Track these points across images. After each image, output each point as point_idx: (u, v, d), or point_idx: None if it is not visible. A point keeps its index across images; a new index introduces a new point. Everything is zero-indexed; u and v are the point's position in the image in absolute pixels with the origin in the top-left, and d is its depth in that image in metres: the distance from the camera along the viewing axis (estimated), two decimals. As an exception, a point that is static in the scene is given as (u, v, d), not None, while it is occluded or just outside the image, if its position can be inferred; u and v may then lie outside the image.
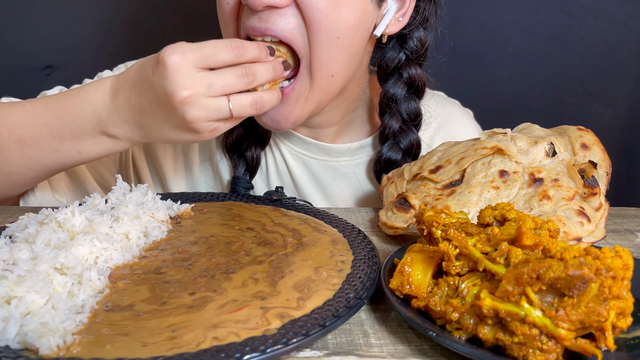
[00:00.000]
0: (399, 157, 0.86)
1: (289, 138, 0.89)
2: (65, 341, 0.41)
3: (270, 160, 0.90)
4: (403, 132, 0.86)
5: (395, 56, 0.84)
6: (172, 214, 0.68)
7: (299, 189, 0.90)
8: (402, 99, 0.85)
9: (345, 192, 0.90)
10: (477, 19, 1.30)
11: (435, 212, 0.50)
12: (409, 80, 0.85)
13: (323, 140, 0.89)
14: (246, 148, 0.86)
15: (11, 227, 0.57)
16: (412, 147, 0.86)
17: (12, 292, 0.44)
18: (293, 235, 0.62)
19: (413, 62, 0.85)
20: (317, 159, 0.89)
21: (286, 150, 0.89)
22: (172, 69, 0.61)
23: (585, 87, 1.33)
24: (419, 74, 0.85)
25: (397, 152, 0.86)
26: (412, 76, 0.85)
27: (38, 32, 1.25)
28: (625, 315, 0.41)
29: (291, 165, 0.90)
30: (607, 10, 1.29)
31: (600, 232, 0.61)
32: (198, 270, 0.53)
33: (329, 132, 0.89)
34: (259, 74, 0.65)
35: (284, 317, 0.45)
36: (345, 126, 0.91)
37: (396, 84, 0.85)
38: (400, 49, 0.84)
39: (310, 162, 0.90)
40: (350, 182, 0.90)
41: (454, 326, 0.43)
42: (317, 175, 0.90)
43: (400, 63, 0.84)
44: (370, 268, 0.54)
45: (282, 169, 0.90)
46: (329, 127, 0.89)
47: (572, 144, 0.68)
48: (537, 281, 0.39)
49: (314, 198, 0.90)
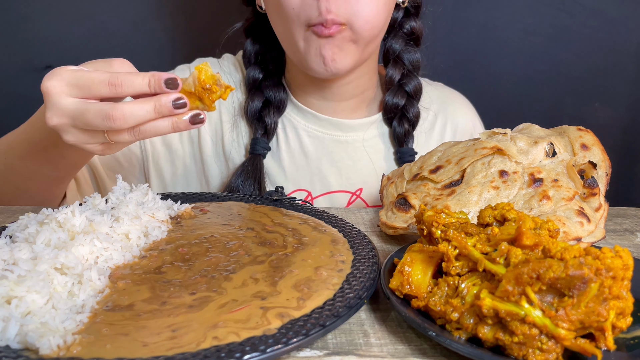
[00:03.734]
0: (403, 102, 0.94)
1: (303, 116, 0.95)
2: (66, 341, 0.41)
3: (281, 137, 0.95)
4: (407, 77, 0.95)
5: (397, 13, 0.93)
6: (172, 214, 0.68)
7: (310, 165, 0.95)
8: (403, 49, 0.95)
9: (357, 165, 0.96)
10: (477, 19, 1.30)
11: (435, 212, 0.50)
12: (410, 32, 0.95)
13: (336, 116, 0.95)
14: (265, 114, 0.92)
15: (11, 227, 0.57)
16: (417, 91, 0.95)
17: (12, 292, 0.44)
18: (293, 235, 0.62)
19: (412, 15, 0.95)
20: (330, 134, 0.95)
21: (301, 128, 0.95)
22: (45, 94, 0.58)
23: (585, 87, 1.33)
24: (419, 25, 0.95)
25: (401, 97, 0.94)
26: (412, 27, 0.95)
27: (38, 32, 1.24)
28: (625, 315, 0.41)
29: (305, 143, 0.95)
30: (607, 10, 1.29)
31: (600, 232, 0.61)
32: (198, 270, 0.53)
33: (346, 106, 0.95)
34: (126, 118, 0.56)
35: (284, 317, 0.45)
36: (360, 103, 0.97)
37: (397, 37, 0.95)
38: (399, 7, 0.94)
39: (323, 138, 0.95)
40: (360, 155, 0.96)
41: (454, 326, 0.43)
42: (331, 150, 0.95)
43: (400, 18, 0.94)
44: (370, 268, 0.54)
45: (295, 145, 0.95)
46: (349, 99, 0.95)
47: (572, 144, 0.68)
48: (537, 281, 0.39)
49: (327, 172, 0.95)
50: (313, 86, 0.93)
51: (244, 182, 0.90)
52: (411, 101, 0.95)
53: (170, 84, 0.57)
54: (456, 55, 1.31)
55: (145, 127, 0.59)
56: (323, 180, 0.95)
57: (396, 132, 0.95)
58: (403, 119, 0.95)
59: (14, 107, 1.27)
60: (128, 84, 0.57)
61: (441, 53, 1.25)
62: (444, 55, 1.28)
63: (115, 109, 0.56)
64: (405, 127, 0.94)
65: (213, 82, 0.58)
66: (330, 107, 0.95)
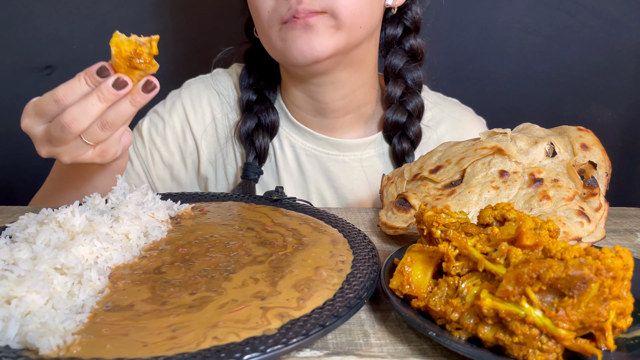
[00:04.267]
0: (404, 119, 0.92)
1: (301, 134, 0.95)
2: (66, 341, 0.41)
3: (279, 155, 0.95)
4: (408, 95, 0.93)
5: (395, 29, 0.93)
6: (172, 214, 0.68)
7: (307, 183, 0.95)
8: (404, 66, 0.94)
9: (354, 184, 0.95)
10: (477, 19, 1.30)
11: (435, 212, 0.50)
12: (411, 49, 0.94)
13: (334, 134, 0.94)
14: (256, 137, 0.92)
15: (11, 227, 0.57)
16: (418, 109, 0.94)
17: (12, 292, 0.44)
18: (293, 235, 0.62)
19: (412, 33, 0.94)
20: (328, 153, 0.95)
21: (298, 147, 0.95)
22: (27, 133, 0.65)
23: (585, 87, 1.33)
24: (419, 43, 0.94)
25: (402, 115, 0.92)
26: (412, 45, 0.93)
27: (38, 32, 1.24)
28: (625, 315, 0.41)
29: (302, 161, 0.95)
30: (607, 10, 1.28)
31: (600, 232, 0.61)
32: (198, 270, 0.53)
33: (343, 123, 0.94)
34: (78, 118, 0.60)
35: (284, 317, 0.45)
36: (358, 119, 0.95)
37: (398, 54, 0.93)
38: (398, 22, 0.93)
39: (321, 157, 0.95)
40: (358, 175, 0.95)
41: (454, 326, 0.43)
42: (328, 169, 0.95)
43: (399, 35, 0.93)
44: (370, 268, 0.54)
45: (292, 164, 0.95)
46: (345, 115, 0.94)
47: (572, 145, 0.68)
48: (537, 281, 0.39)
49: (324, 191, 0.95)
50: (309, 104, 0.93)
51: None
52: (412, 119, 0.93)
53: (103, 72, 0.61)
54: (456, 55, 1.31)
55: (109, 117, 0.62)
56: (320, 198, 0.95)
57: (396, 151, 0.93)
58: (403, 137, 0.93)
59: (14, 107, 1.27)
60: (69, 93, 0.61)
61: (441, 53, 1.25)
62: (444, 55, 1.28)
63: (64, 115, 0.61)
64: (404, 146, 0.93)
65: (134, 47, 0.60)
66: (328, 124, 0.94)
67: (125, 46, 0.59)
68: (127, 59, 0.59)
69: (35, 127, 0.64)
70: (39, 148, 0.66)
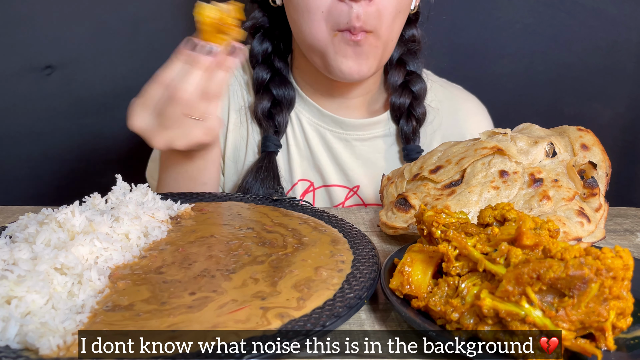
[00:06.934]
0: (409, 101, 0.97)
1: (308, 109, 0.97)
2: (66, 341, 0.41)
3: (289, 129, 0.97)
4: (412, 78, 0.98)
5: None
6: (172, 214, 0.68)
7: (314, 158, 0.97)
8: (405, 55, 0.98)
9: (356, 163, 0.97)
10: (477, 19, 1.30)
11: (435, 212, 0.50)
12: (411, 38, 0.98)
13: (339, 113, 0.96)
14: (277, 113, 0.95)
15: (11, 227, 0.57)
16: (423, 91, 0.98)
17: (12, 292, 0.44)
18: (293, 235, 0.62)
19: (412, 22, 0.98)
20: (332, 130, 0.97)
21: (305, 121, 0.97)
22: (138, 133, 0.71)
23: (585, 87, 1.33)
24: (419, 33, 0.99)
25: (407, 97, 0.96)
26: (413, 35, 0.98)
27: (38, 32, 1.24)
28: (625, 315, 0.41)
29: (308, 135, 0.97)
30: (607, 10, 1.28)
31: (600, 233, 0.61)
32: (198, 270, 0.53)
33: (350, 104, 0.97)
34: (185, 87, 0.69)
35: (284, 317, 0.45)
36: (364, 102, 0.99)
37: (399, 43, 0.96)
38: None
39: (325, 133, 0.97)
40: (359, 154, 0.97)
41: (454, 326, 0.43)
42: (331, 145, 0.97)
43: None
44: (370, 268, 0.54)
45: (300, 138, 0.97)
46: (354, 98, 0.98)
47: (572, 145, 0.68)
48: (537, 281, 0.39)
49: (328, 168, 0.97)
50: (321, 84, 0.95)
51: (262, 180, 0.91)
52: (417, 100, 0.97)
53: (191, 44, 0.69)
54: (456, 55, 1.31)
55: (207, 86, 0.69)
56: (323, 173, 0.97)
57: (404, 130, 0.97)
58: (410, 117, 0.96)
59: (14, 107, 1.27)
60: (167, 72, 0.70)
61: (441, 53, 1.25)
62: (444, 55, 1.28)
63: (169, 88, 0.68)
64: (413, 124, 0.96)
65: (219, 14, 0.66)
66: (335, 104, 0.97)
67: (211, 13, 0.64)
68: (214, 25, 0.63)
69: (146, 118, 0.69)
70: (155, 139, 0.70)
